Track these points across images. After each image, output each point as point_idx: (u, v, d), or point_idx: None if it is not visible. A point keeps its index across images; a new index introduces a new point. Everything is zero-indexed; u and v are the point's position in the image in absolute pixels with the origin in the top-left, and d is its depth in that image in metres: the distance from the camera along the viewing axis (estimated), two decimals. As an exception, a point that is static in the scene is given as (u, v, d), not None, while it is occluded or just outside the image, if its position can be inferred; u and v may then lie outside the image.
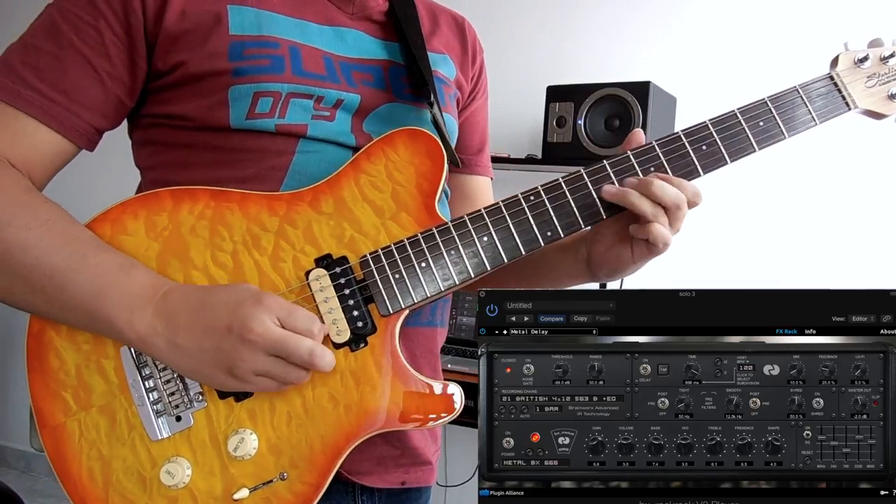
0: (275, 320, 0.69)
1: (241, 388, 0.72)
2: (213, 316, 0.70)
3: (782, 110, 0.81)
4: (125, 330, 0.71)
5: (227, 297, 0.71)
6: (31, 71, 0.76)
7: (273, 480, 0.74)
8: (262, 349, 0.69)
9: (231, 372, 0.70)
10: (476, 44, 1.02)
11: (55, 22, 0.77)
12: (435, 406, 0.76)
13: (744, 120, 0.81)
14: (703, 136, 0.80)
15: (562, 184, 0.79)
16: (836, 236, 2.23)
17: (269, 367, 0.70)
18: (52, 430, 0.75)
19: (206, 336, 0.69)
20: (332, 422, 0.74)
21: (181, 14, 0.78)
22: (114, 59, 0.77)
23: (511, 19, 2.66)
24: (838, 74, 0.84)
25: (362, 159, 0.80)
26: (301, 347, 0.69)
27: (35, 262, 0.71)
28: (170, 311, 0.71)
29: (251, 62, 0.78)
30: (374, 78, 0.86)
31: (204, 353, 0.70)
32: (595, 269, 0.86)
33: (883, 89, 0.84)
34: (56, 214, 0.75)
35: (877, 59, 0.85)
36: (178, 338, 0.70)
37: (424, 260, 0.76)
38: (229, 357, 0.69)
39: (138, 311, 0.71)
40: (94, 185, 2.16)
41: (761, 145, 0.81)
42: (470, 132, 1.03)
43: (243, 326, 0.68)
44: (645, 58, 2.46)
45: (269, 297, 0.70)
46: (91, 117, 0.78)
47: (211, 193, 0.77)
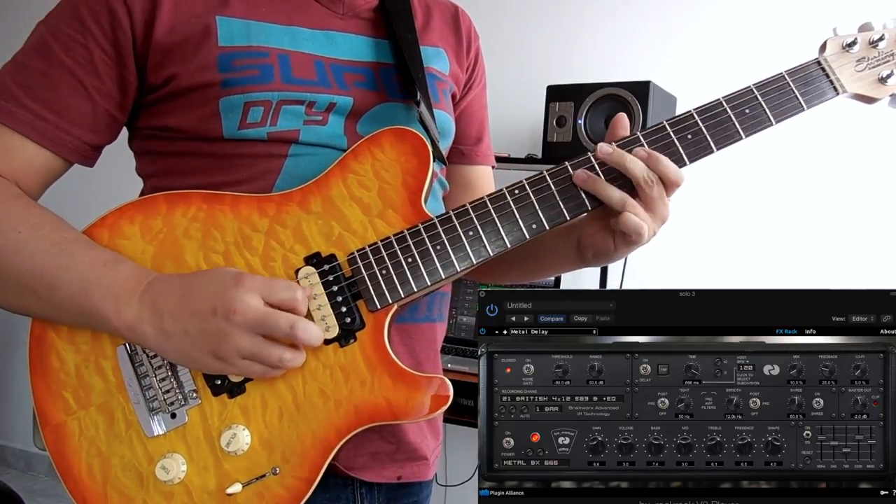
0: (257, 298, 0.70)
1: (227, 370, 0.73)
2: (196, 299, 0.71)
3: (769, 97, 0.81)
4: (113, 320, 0.73)
5: (209, 280, 0.72)
6: (22, 90, 0.78)
7: (265, 475, 0.75)
8: (245, 328, 0.70)
9: (216, 354, 0.71)
10: (471, 32, 1.02)
11: (45, 41, 0.79)
12: (425, 399, 0.76)
13: (729, 108, 0.80)
14: (689, 124, 0.80)
15: (546, 177, 0.79)
16: (837, 236, 2.23)
17: (252, 347, 0.70)
18: (53, 428, 0.77)
19: (191, 319, 0.71)
20: (322, 417, 0.75)
21: (170, 28, 0.79)
22: (103, 75, 0.79)
23: (511, 19, 2.66)
24: (826, 59, 0.83)
25: (349, 159, 0.81)
26: (281, 322, 0.70)
27: (24, 264, 0.74)
28: (154, 299, 0.72)
29: (240, 73, 0.79)
30: (365, 79, 0.86)
31: (189, 336, 0.71)
32: (583, 251, 0.87)
33: (873, 73, 0.83)
34: (44, 219, 0.77)
35: (865, 42, 0.84)
36: (164, 323, 0.71)
37: (411, 255, 0.77)
38: (214, 338, 0.70)
39: (124, 301, 0.72)
40: (100, 192, 2.16)
41: (748, 132, 0.80)
42: (467, 122, 1.03)
43: (227, 307, 0.69)
44: (645, 58, 2.46)
45: (248, 277, 0.72)
46: (81, 133, 0.80)
47: (203, 197, 0.79)
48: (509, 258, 0.87)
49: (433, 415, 0.76)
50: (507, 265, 0.99)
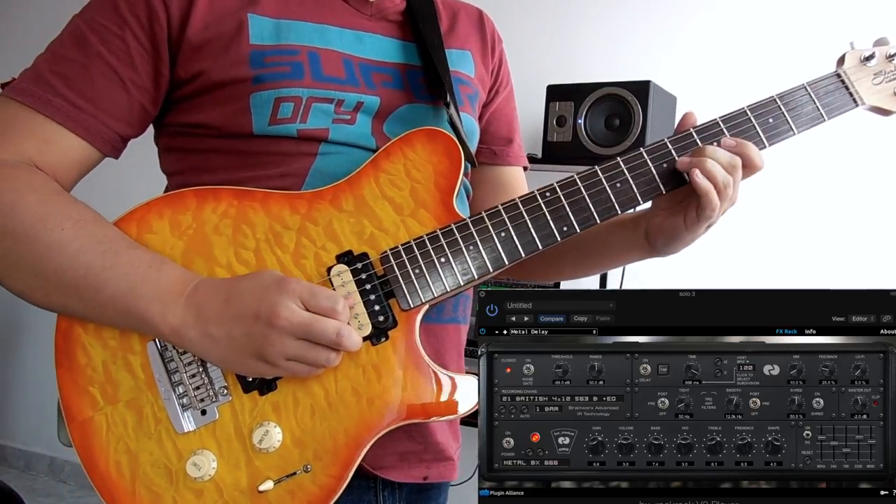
0: (299, 303, 0.71)
1: (274, 373, 0.74)
2: (240, 304, 0.71)
3: (791, 107, 0.83)
4: (159, 324, 0.73)
5: (253, 284, 0.72)
6: (59, 79, 0.78)
7: (297, 472, 0.75)
8: (290, 333, 0.70)
9: (262, 357, 0.71)
10: (494, 35, 1.04)
11: (82, 32, 0.79)
12: (455, 399, 0.77)
13: (753, 117, 0.83)
14: (714, 132, 0.82)
15: (577, 180, 0.81)
16: (836, 236, 2.23)
17: (298, 350, 0.71)
18: (80, 424, 0.77)
19: (236, 324, 0.71)
20: (354, 414, 0.76)
21: (204, 24, 0.79)
22: (139, 68, 0.79)
23: (511, 18, 2.65)
24: (845, 72, 0.86)
25: (381, 158, 0.81)
26: (328, 329, 0.71)
27: (69, 261, 0.73)
28: (199, 304, 0.73)
29: (271, 69, 0.80)
30: (392, 79, 0.87)
31: (234, 341, 0.71)
32: (652, 241, 0.88)
33: (889, 86, 0.86)
34: (86, 214, 0.77)
35: (882, 57, 0.86)
36: (210, 328, 0.72)
37: (444, 255, 0.78)
38: (259, 343, 0.70)
39: (170, 305, 0.73)
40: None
41: (771, 141, 0.83)
42: (498, 123, 1.04)
43: (271, 312, 0.69)
44: (645, 57, 2.46)
45: (291, 282, 0.72)
46: (116, 125, 0.80)
47: (234, 193, 0.79)
48: (567, 255, 0.90)
49: (463, 414, 0.78)
50: (564, 262, 1.01)
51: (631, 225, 0.91)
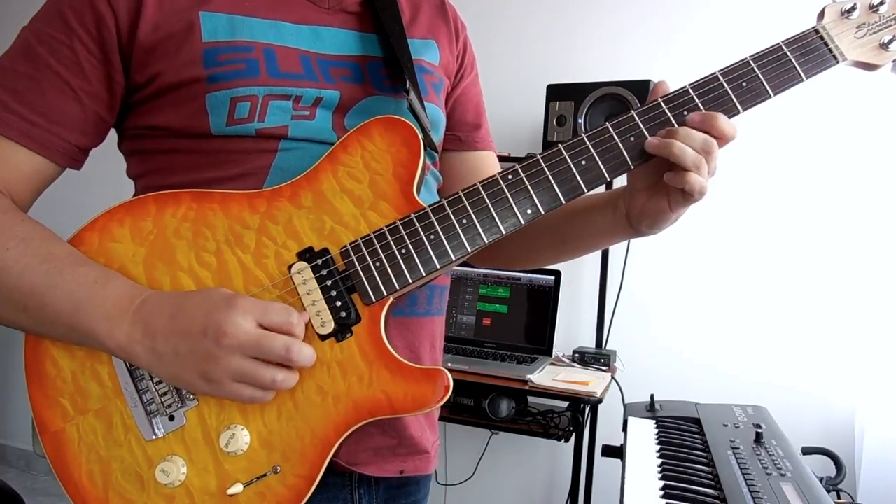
0: (249, 320, 0.69)
1: (217, 393, 0.72)
2: (187, 321, 0.70)
3: (765, 68, 0.79)
4: (106, 340, 0.72)
5: (201, 299, 0.71)
6: (9, 94, 0.77)
7: (266, 474, 0.74)
8: (236, 351, 0.69)
9: (206, 376, 0.70)
10: (458, 21, 1.02)
11: (30, 44, 0.78)
12: (424, 391, 0.75)
13: (725, 81, 0.78)
14: (684, 100, 0.79)
15: (539, 160, 0.79)
16: (837, 236, 2.23)
17: (243, 368, 0.69)
18: (52, 435, 0.76)
19: (182, 341, 0.70)
20: (320, 414, 0.75)
21: (154, 26, 0.78)
22: (90, 76, 0.78)
23: (511, 18, 2.65)
24: (824, 27, 0.80)
25: (339, 151, 0.79)
26: (276, 344, 0.69)
27: (14, 281, 0.73)
28: (146, 319, 0.72)
29: (225, 68, 0.78)
30: (352, 73, 0.86)
31: (180, 357, 0.70)
32: (636, 224, 0.85)
33: (873, 38, 0.80)
34: (32, 232, 0.76)
35: (865, 7, 0.81)
36: (156, 344, 0.71)
37: (404, 246, 0.76)
38: (203, 360, 0.69)
39: (117, 321, 0.72)
40: (93, 196, 2.16)
41: (745, 105, 0.78)
42: (464, 108, 1.02)
43: (217, 329, 0.68)
44: (645, 57, 2.46)
45: (241, 299, 0.71)
46: (70, 135, 0.79)
47: (193, 196, 0.78)
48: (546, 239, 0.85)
49: (433, 407, 0.75)
50: (543, 247, 0.98)
51: (610, 207, 0.89)
